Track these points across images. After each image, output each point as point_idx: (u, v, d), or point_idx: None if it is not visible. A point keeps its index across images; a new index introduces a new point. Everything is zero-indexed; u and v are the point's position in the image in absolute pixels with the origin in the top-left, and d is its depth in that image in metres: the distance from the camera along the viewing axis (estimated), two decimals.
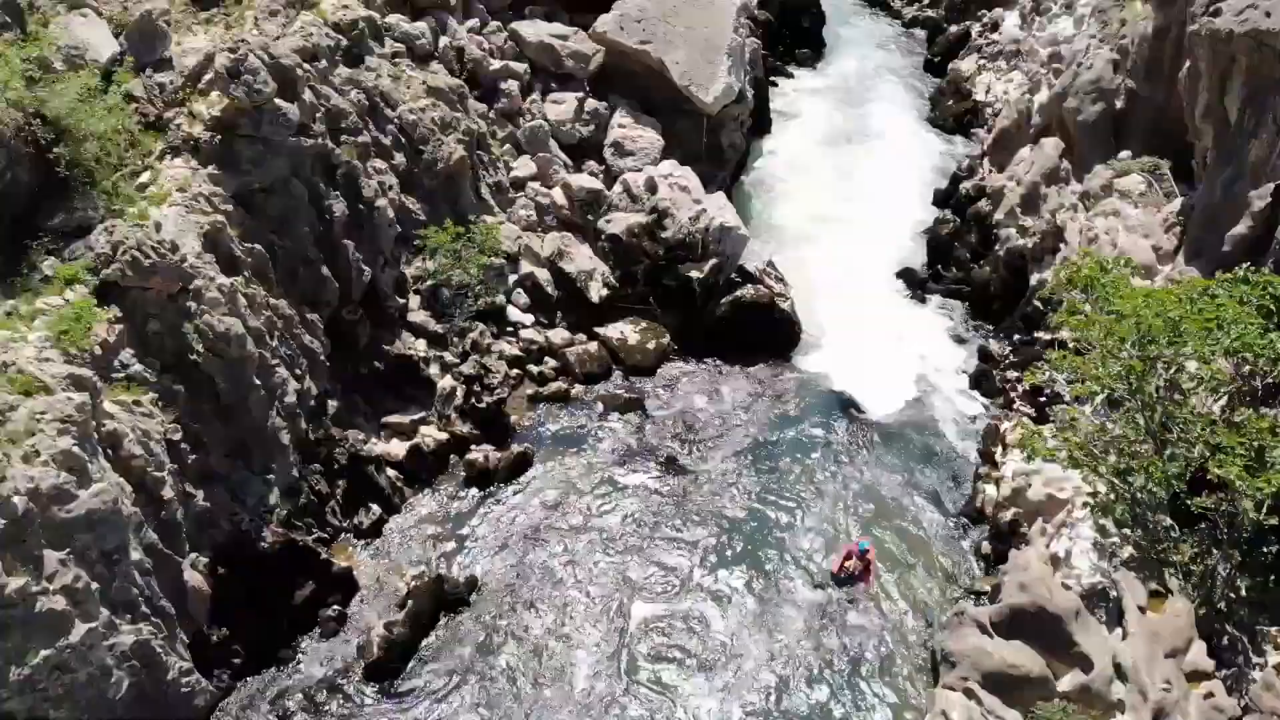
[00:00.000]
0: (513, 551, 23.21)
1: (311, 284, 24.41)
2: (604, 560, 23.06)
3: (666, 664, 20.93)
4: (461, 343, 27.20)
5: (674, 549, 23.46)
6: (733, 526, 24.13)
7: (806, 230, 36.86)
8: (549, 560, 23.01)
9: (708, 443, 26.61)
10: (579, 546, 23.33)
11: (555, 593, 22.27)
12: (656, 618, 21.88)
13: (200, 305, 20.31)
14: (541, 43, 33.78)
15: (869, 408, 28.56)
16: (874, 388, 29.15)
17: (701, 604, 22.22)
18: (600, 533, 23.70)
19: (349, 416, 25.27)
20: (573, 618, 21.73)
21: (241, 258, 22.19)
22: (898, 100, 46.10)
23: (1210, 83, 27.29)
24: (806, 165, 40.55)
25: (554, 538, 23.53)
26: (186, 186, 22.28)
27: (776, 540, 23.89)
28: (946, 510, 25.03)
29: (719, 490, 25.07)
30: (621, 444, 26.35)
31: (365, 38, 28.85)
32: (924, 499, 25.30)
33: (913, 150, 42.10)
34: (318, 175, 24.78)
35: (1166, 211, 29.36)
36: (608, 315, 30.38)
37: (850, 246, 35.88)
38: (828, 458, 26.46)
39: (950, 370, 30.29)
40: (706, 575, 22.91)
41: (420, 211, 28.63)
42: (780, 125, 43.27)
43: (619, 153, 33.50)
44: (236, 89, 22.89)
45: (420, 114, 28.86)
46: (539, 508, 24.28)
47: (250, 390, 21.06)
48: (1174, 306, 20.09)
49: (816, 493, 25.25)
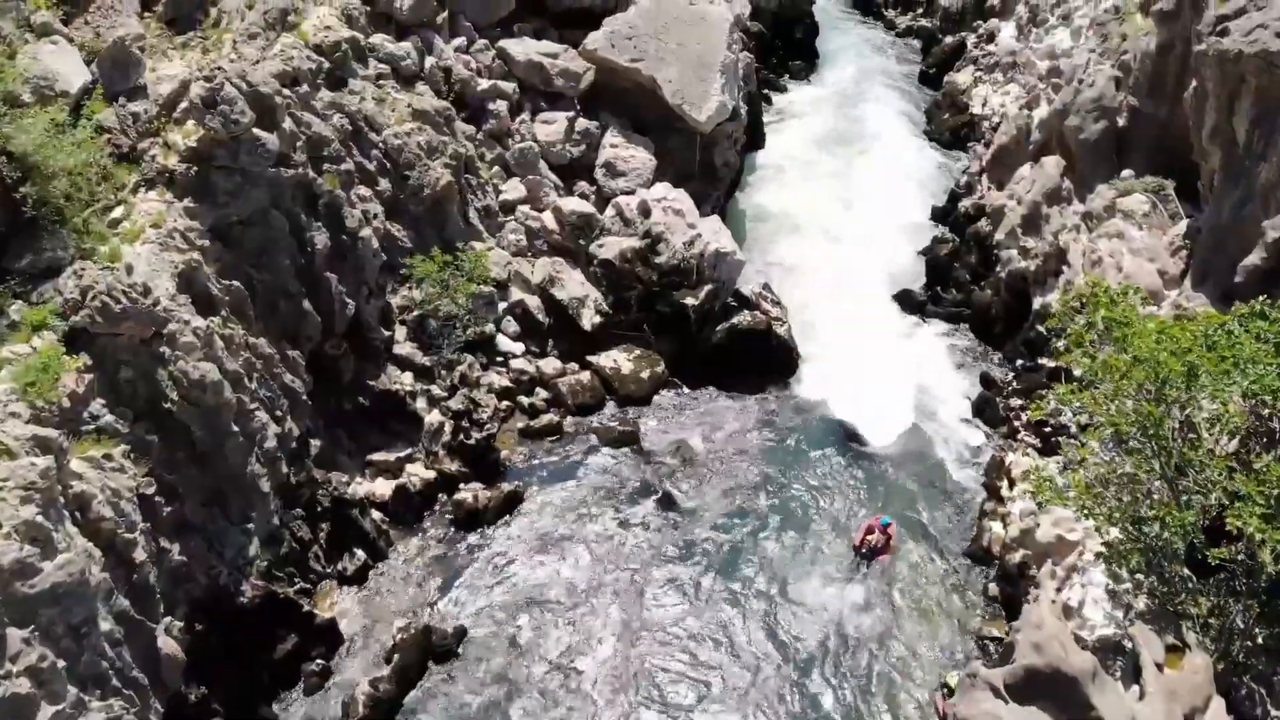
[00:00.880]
0: (503, 598, 22.37)
1: (292, 319, 23.54)
2: (597, 606, 22.25)
3: (667, 714, 20.11)
4: (449, 376, 26.34)
5: (671, 594, 22.67)
6: (731, 569, 23.34)
7: (802, 249, 36.13)
8: (540, 607, 22.19)
9: (704, 478, 25.80)
10: (571, 592, 22.52)
11: (547, 642, 21.45)
12: (655, 666, 21.08)
13: (174, 351, 19.40)
14: (530, 61, 32.90)
15: (869, 438, 27.78)
16: (874, 416, 28.35)
17: (702, 650, 21.43)
18: (593, 577, 22.90)
19: (333, 455, 24.42)
20: (566, 668, 20.91)
21: (218, 296, 21.29)
22: (893, 113, 45.36)
23: (1218, 103, 26.56)
24: (801, 182, 39.79)
25: (545, 583, 22.71)
26: (161, 222, 21.37)
27: (777, 583, 23.09)
28: (952, 549, 24.26)
29: (717, 530, 24.26)
30: (615, 480, 25.52)
31: (348, 59, 27.99)
32: (928, 537, 24.53)
33: (909, 165, 41.37)
34: (298, 206, 23.90)
35: (1172, 234, 28.64)
36: (600, 343, 29.55)
37: (847, 266, 35.20)
38: (828, 493, 25.68)
39: (952, 397, 29.53)
40: (706, 621, 22.12)
41: (406, 239, 27.77)
42: (774, 140, 42.49)
43: (611, 173, 32.66)
44: (213, 120, 21.99)
45: (405, 138, 27.98)
46: (530, 551, 23.45)
47: (228, 437, 20.17)
48: (1188, 343, 19.39)
49: (817, 532, 24.47)
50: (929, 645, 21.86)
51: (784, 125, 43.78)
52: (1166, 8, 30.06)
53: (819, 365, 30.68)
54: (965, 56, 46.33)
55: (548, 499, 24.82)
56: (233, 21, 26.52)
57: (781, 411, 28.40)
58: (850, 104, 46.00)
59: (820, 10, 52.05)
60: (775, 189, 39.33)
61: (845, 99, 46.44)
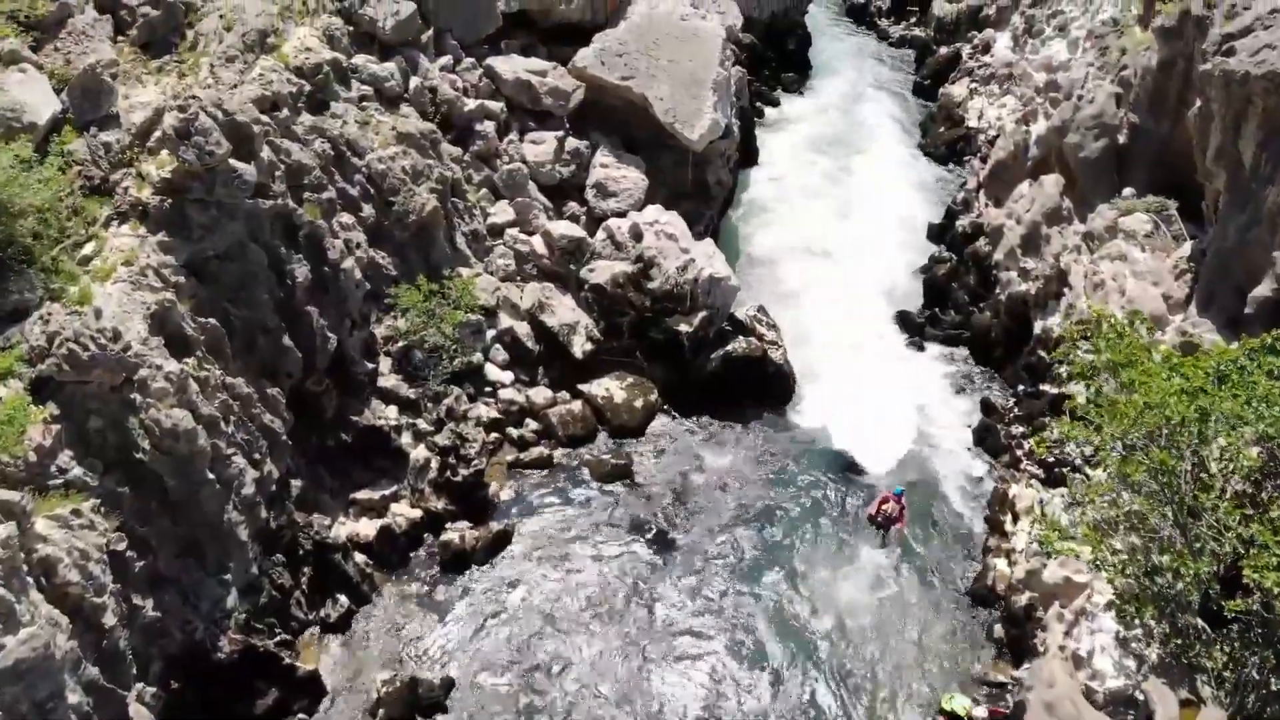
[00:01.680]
0: (492, 645, 21.58)
1: (272, 355, 22.72)
2: (590, 654, 21.47)
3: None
4: (436, 409, 25.53)
5: (667, 639, 21.90)
6: (730, 613, 22.58)
7: (797, 268, 35.42)
8: (531, 654, 21.40)
9: (700, 514, 25.04)
10: (562, 639, 21.73)
11: (537, 693, 20.67)
12: (653, 716, 20.32)
13: (146, 397, 18.58)
14: (518, 80, 32.11)
15: (869, 468, 27.08)
16: (873, 445, 27.67)
17: (701, 699, 20.67)
18: (585, 623, 22.11)
19: (315, 495, 23.61)
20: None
21: (193, 336, 20.46)
22: (887, 127, 44.67)
23: (1223, 124, 25.93)
24: (795, 198, 39.08)
25: (536, 629, 21.91)
26: (133, 259, 20.55)
27: (775, 625, 22.37)
28: (955, 587, 23.57)
29: (714, 571, 23.50)
30: (608, 517, 24.74)
31: (330, 82, 27.18)
32: (930, 574, 23.83)
33: (905, 180, 40.70)
34: (278, 238, 23.09)
35: (1176, 256, 27.96)
36: (592, 370, 28.77)
37: (843, 286, 34.52)
38: (827, 529, 24.96)
39: (952, 424, 28.83)
40: (703, 668, 21.37)
41: (391, 266, 26.96)
42: (767, 155, 41.75)
43: (601, 194, 31.90)
44: (187, 151, 21.14)
45: (390, 162, 27.17)
46: (520, 594, 22.65)
47: (203, 486, 19.35)
48: (1200, 381, 18.73)
49: (817, 570, 23.75)
50: (932, 688, 21.15)
51: (777, 140, 43.01)
52: (1168, 24, 29.42)
53: (816, 390, 29.95)
54: (960, 68, 45.69)
55: (538, 538, 24.02)
56: (210, 45, 25.71)
57: (778, 441, 27.66)
58: (844, 117, 45.30)
59: (812, 20, 51.34)
60: (769, 206, 38.60)
61: (839, 112, 45.74)
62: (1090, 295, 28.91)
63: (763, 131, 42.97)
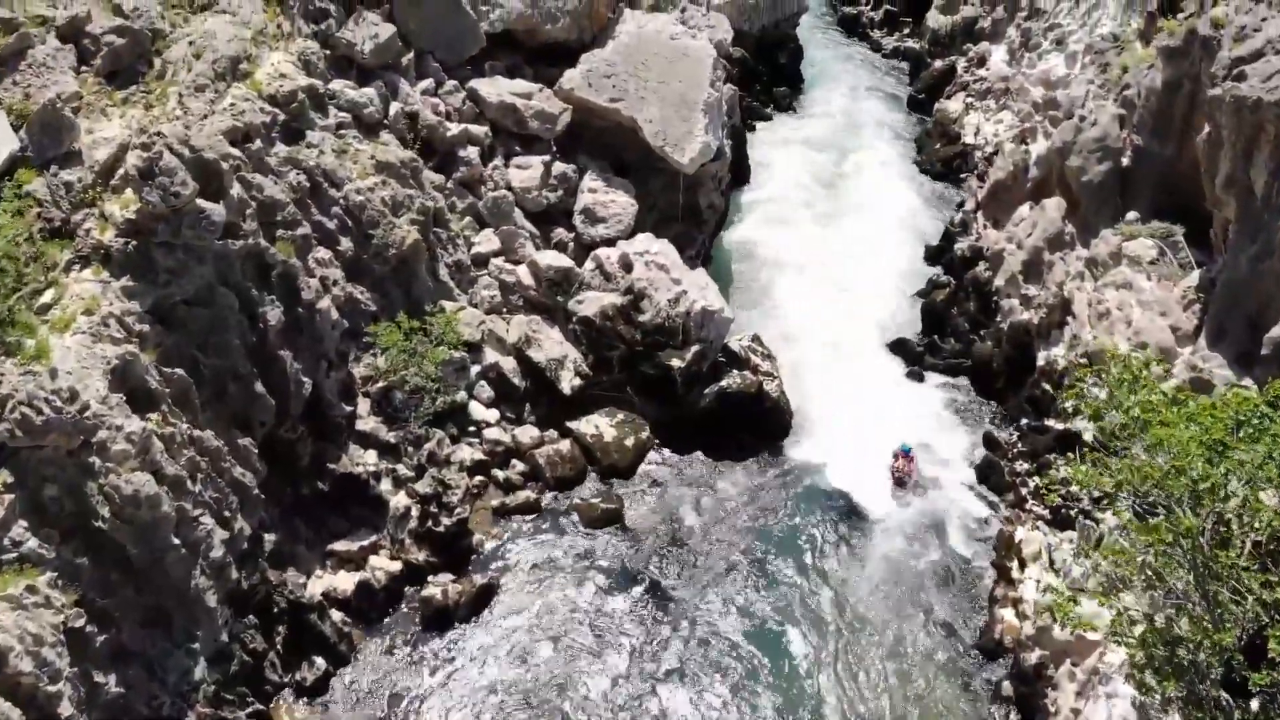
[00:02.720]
0: (475, 709, 20.49)
1: (243, 403, 21.61)
2: (578, 717, 20.43)
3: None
4: (417, 454, 24.45)
5: (661, 702, 20.83)
6: (729, 670, 21.53)
7: (792, 293, 34.53)
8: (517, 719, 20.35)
9: (695, 562, 24.00)
10: (550, 702, 20.65)
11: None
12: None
13: (105, 461, 17.49)
14: (503, 103, 31.01)
15: (869, 508, 26.10)
16: (873, 483, 26.72)
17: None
18: (575, 684, 21.04)
19: (290, 547, 22.50)
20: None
21: (158, 390, 19.35)
22: (882, 143, 43.75)
23: (1234, 151, 25.00)
24: (789, 218, 38.15)
25: (523, 691, 20.82)
26: (94, 308, 19.44)
27: (775, 682, 21.35)
28: (961, 639, 22.58)
29: (709, 624, 22.44)
30: (599, 567, 23.67)
31: (306, 110, 26.04)
32: (935, 625, 22.85)
33: (901, 199, 39.79)
34: (249, 279, 21.97)
35: (1184, 286, 27.03)
36: (581, 406, 27.72)
37: (840, 311, 33.64)
38: (827, 576, 23.96)
39: (954, 460, 27.86)
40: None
41: (370, 301, 25.86)
42: (760, 174, 40.83)
43: (590, 220, 30.82)
44: (150, 193, 20.05)
45: (368, 194, 26.08)
46: (505, 653, 21.57)
47: (168, 551, 18.25)
48: (1220, 433, 17.79)
49: (817, 623, 22.71)
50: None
51: (770, 158, 42.06)
52: (1174, 44, 28.52)
53: (813, 424, 28.98)
54: (955, 82, 44.82)
55: (524, 592, 22.94)
56: (178, 73, 24.54)
57: (775, 481, 26.65)
58: (837, 133, 44.37)
59: (803, 32, 50.38)
60: (762, 228, 37.64)
61: (832, 128, 44.82)
62: (1095, 325, 27.98)
63: (755, 149, 41.97)
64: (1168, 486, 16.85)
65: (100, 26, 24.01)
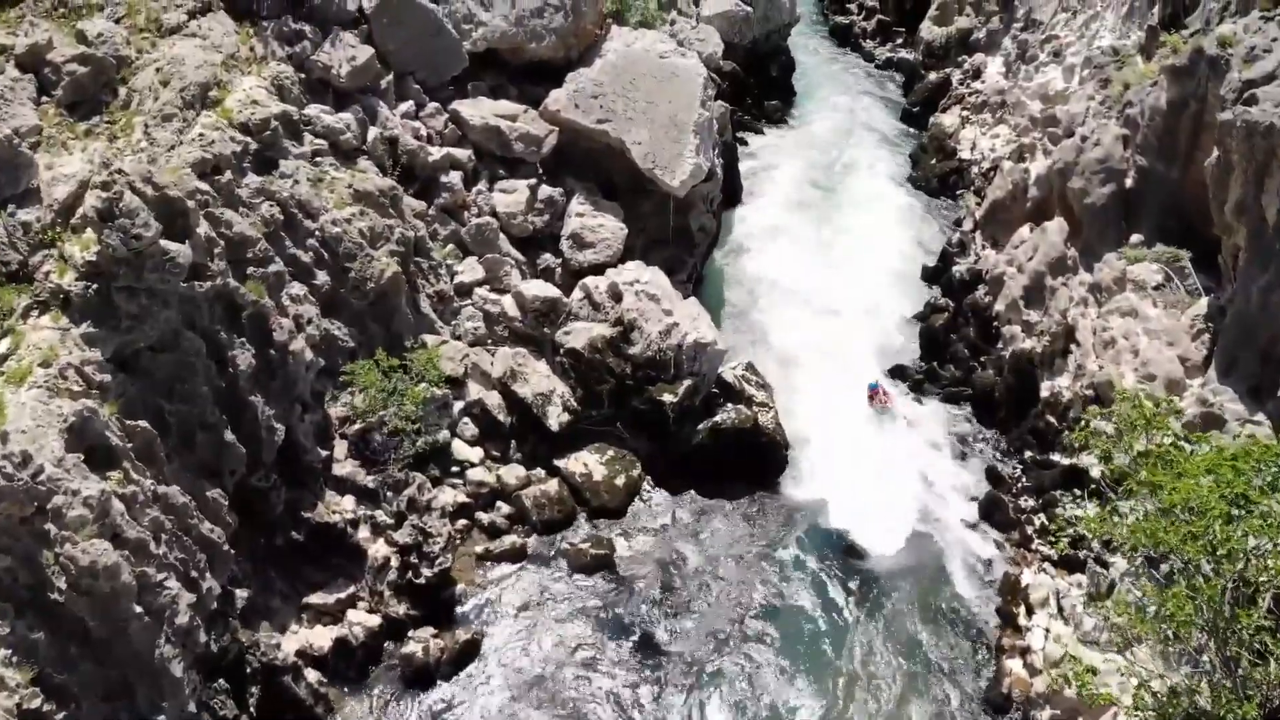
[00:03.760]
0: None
1: (212, 452, 20.55)
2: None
3: None
4: (396, 499, 23.37)
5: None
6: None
7: (786, 316, 33.56)
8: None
9: (689, 612, 22.97)
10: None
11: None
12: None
13: (61, 529, 16.39)
14: (487, 125, 29.92)
15: (868, 548, 25.12)
16: (872, 521, 25.71)
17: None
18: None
19: (264, 600, 21.45)
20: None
21: (119, 446, 18.24)
22: (876, 158, 42.72)
23: (1244, 177, 24.10)
24: (782, 239, 37.13)
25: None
26: (52, 358, 18.36)
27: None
28: (967, 692, 21.60)
29: (705, 680, 21.43)
30: (588, 618, 22.62)
31: (280, 138, 24.96)
32: (940, 676, 21.88)
33: (896, 217, 38.78)
34: (217, 322, 20.89)
35: (1191, 315, 26.09)
36: (569, 441, 26.67)
37: (835, 335, 32.67)
38: (827, 625, 22.96)
39: (956, 494, 26.89)
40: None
41: (347, 337, 24.80)
42: (752, 191, 39.79)
43: (578, 245, 29.80)
44: (110, 236, 18.95)
45: (345, 225, 25.01)
46: (490, 714, 20.51)
47: (130, 620, 17.14)
48: (1241, 487, 16.88)
49: (818, 676, 21.72)
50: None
51: (762, 174, 41.04)
52: (1179, 63, 27.58)
53: (809, 456, 28.01)
54: (950, 95, 43.79)
55: (510, 647, 21.87)
56: (144, 102, 23.50)
57: (771, 520, 25.65)
58: (830, 148, 43.35)
59: (794, 43, 49.35)
60: (755, 248, 36.61)
61: (825, 142, 43.79)
62: (1100, 354, 27.07)
63: (746, 165, 40.92)
64: (1185, 550, 15.92)
65: (62, 55, 22.93)
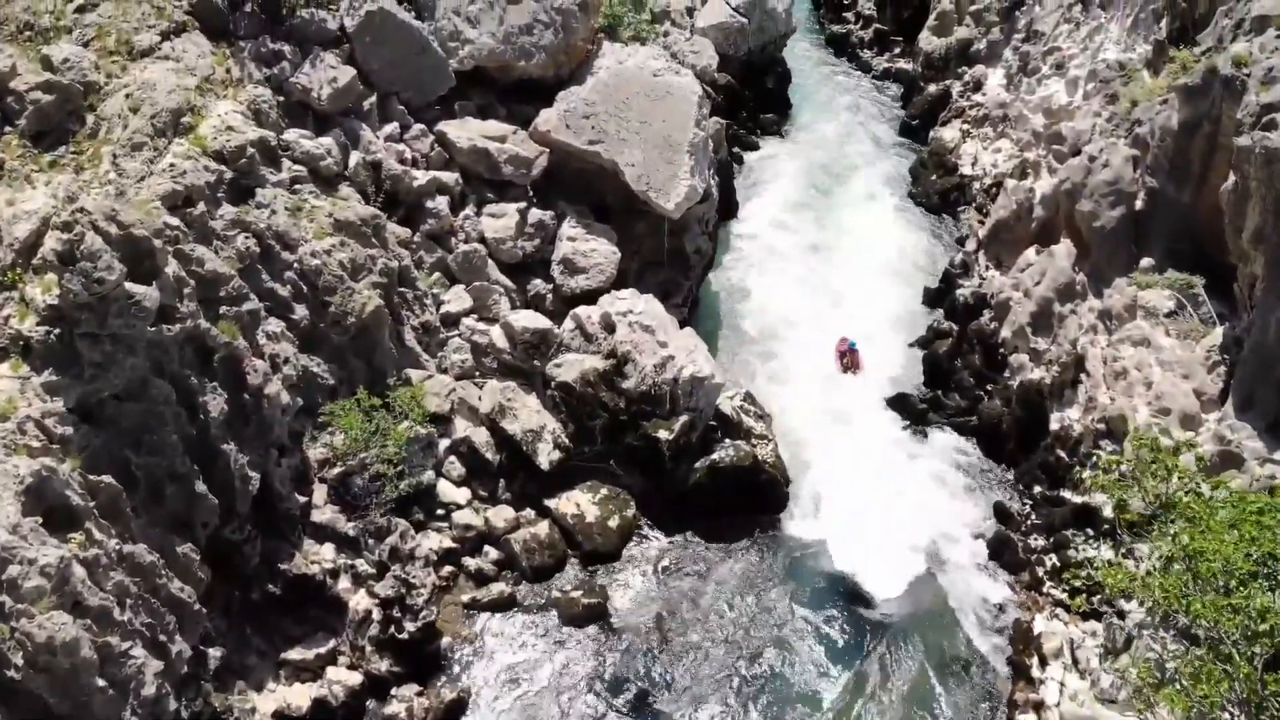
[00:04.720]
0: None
1: (183, 505, 19.45)
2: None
3: None
4: (378, 547, 22.27)
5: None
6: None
7: (784, 340, 32.60)
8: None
9: (687, 665, 21.88)
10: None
11: None
12: None
13: (17, 602, 15.30)
14: (475, 147, 28.82)
15: (873, 592, 24.07)
16: (877, 563, 24.67)
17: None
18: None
19: (239, 658, 20.36)
20: None
21: (80, 506, 17.14)
22: (875, 173, 41.66)
23: (1263, 205, 23.14)
24: (779, 257, 36.13)
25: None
26: (10, 411, 17.32)
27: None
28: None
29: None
30: (581, 674, 21.52)
31: (256, 165, 23.83)
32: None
33: (895, 235, 37.72)
34: (187, 367, 19.77)
35: (1207, 345, 25.08)
36: (561, 479, 25.57)
37: (836, 361, 31.53)
38: (831, 678, 21.91)
39: (963, 533, 25.82)
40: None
41: (327, 374, 23.69)
42: (748, 207, 38.74)
43: (569, 270, 28.72)
44: (72, 280, 17.84)
45: (325, 256, 23.89)
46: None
47: (92, 695, 16.06)
48: (1270, 546, 15.98)
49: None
50: None
51: (758, 190, 39.99)
52: (1191, 82, 26.56)
53: (811, 492, 26.97)
54: (951, 107, 42.74)
55: (497, 706, 20.77)
56: (113, 130, 22.40)
57: (772, 564, 24.55)
58: (828, 162, 42.27)
59: (790, 53, 48.28)
60: (751, 268, 35.58)
61: (822, 156, 42.70)
62: (1111, 385, 26.07)
63: (742, 180, 39.89)
64: (1217, 620, 14.94)
65: (25, 83, 21.83)
